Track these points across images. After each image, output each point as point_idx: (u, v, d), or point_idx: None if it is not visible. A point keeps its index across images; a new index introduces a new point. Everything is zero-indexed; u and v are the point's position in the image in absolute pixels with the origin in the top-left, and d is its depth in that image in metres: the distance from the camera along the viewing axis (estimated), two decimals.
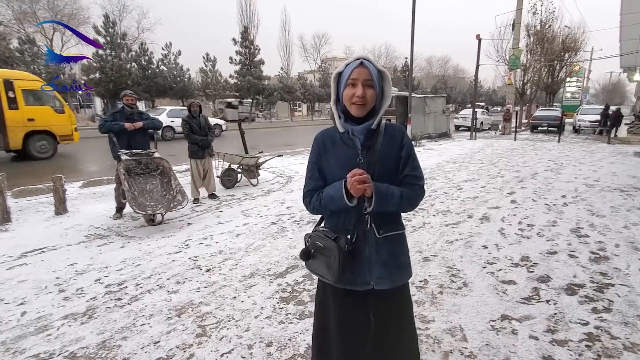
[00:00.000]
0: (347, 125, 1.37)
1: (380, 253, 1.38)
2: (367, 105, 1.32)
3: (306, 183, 1.49)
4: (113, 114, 4.87)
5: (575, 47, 26.00)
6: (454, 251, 3.80)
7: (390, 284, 1.39)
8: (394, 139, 1.40)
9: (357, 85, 1.30)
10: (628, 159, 10.08)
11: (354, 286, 1.39)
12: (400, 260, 1.43)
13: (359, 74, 1.29)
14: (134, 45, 28.03)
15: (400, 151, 1.40)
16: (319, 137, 1.46)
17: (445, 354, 2.21)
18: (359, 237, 1.37)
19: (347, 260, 1.33)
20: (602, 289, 2.97)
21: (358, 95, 1.29)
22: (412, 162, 1.42)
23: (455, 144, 14.73)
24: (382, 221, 1.39)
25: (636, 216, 4.84)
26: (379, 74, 1.35)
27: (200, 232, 4.46)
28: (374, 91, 1.31)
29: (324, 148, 1.43)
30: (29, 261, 3.64)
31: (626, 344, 2.28)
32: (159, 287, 3.09)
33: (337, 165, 1.39)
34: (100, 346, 2.32)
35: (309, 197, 1.46)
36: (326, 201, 1.37)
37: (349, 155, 1.37)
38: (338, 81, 1.36)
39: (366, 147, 1.37)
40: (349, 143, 1.38)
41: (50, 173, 5.62)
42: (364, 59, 1.32)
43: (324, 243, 1.37)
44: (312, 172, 1.47)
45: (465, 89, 56.82)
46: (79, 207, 5.57)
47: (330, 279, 1.37)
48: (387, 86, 1.38)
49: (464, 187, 6.76)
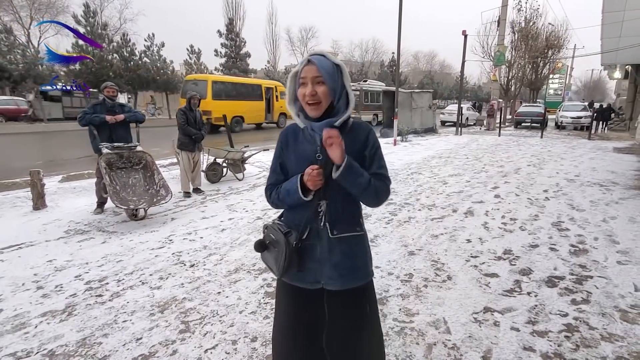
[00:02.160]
0: (307, 121, 1.34)
1: (333, 253, 1.35)
2: (321, 103, 1.28)
3: (269, 177, 1.49)
4: (93, 106, 4.74)
5: (558, 45, 26.53)
6: (438, 245, 3.84)
7: (341, 285, 1.36)
8: (357, 136, 1.37)
9: (307, 83, 1.27)
10: (607, 155, 10.36)
11: (303, 284, 1.38)
12: (355, 263, 1.39)
13: (307, 72, 1.26)
14: (115, 36, 27.29)
15: (364, 149, 1.36)
16: (283, 131, 1.45)
17: (429, 346, 2.23)
18: (311, 235, 1.35)
19: (293, 257, 1.31)
20: (581, 281, 3.05)
21: (308, 94, 1.26)
22: (378, 161, 1.38)
23: (441, 139, 14.87)
24: (338, 221, 1.36)
25: (614, 210, 4.98)
26: (336, 68, 1.30)
27: (184, 227, 4.39)
28: (326, 87, 1.26)
29: (287, 143, 1.41)
30: (5, 257, 3.53)
31: (604, 334, 2.34)
32: (141, 283, 3.03)
33: (296, 160, 1.37)
34: (80, 344, 2.27)
35: (269, 190, 1.45)
36: (283, 195, 1.37)
37: (308, 151, 1.34)
38: (295, 81, 1.34)
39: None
40: (309, 139, 1.36)
41: (28, 167, 5.44)
42: (316, 54, 1.29)
43: (276, 236, 1.35)
44: (275, 166, 1.46)
45: (451, 85, 57.37)
46: (58, 201, 5.42)
47: (275, 272, 1.38)
48: (346, 80, 1.33)
49: (449, 182, 6.84)
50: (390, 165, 8.60)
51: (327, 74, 1.26)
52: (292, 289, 1.41)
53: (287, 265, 1.31)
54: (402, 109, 15.19)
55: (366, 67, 47.50)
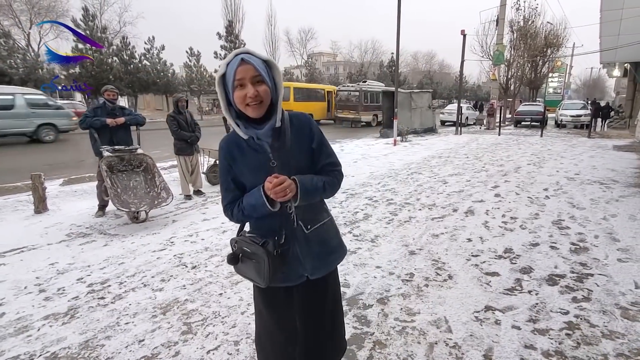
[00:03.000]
0: (250, 130, 1.27)
1: (312, 247, 1.38)
2: (263, 102, 1.23)
3: (223, 197, 1.40)
4: (94, 109, 4.75)
5: (557, 43, 26.52)
6: (439, 244, 3.85)
7: (326, 270, 1.42)
8: (301, 131, 1.35)
9: (245, 85, 1.19)
10: (607, 153, 10.35)
11: (287, 283, 1.39)
12: (332, 245, 1.46)
13: (245, 73, 1.18)
14: (115, 40, 27.35)
15: (312, 142, 1.37)
16: (223, 146, 1.36)
17: (430, 346, 2.24)
18: (287, 238, 1.35)
19: (277, 264, 1.30)
20: (582, 279, 3.05)
21: (250, 96, 1.19)
22: (325, 150, 1.40)
23: (441, 139, 14.88)
24: (308, 216, 1.38)
25: (614, 208, 4.99)
26: (266, 65, 1.24)
27: (185, 229, 4.41)
28: (266, 86, 1.22)
29: (232, 157, 1.34)
30: (7, 261, 3.54)
31: (604, 331, 2.35)
32: (143, 285, 3.04)
33: (250, 172, 1.32)
34: (82, 346, 2.28)
35: (229, 210, 1.38)
36: (249, 211, 1.31)
37: (260, 161, 1.30)
38: (224, 84, 1.24)
39: (276, 149, 1.30)
40: (257, 148, 1.31)
41: (29, 170, 5.46)
42: (244, 52, 1.21)
43: (251, 248, 1.31)
44: (227, 184, 1.38)
45: (450, 85, 57.34)
46: (60, 205, 5.44)
47: (261, 283, 1.33)
48: (278, 76, 1.27)
49: (449, 182, 6.84)
50: (390, 166, 8.62)
51: (264, 71, 1.21)
52: (269, 289, 1.39)
53: (272, 274, 1.30)
54: (402, 109, 15.20)
55: (365, 67, 47.45)
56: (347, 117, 21.72)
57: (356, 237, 4.09)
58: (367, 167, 8.37)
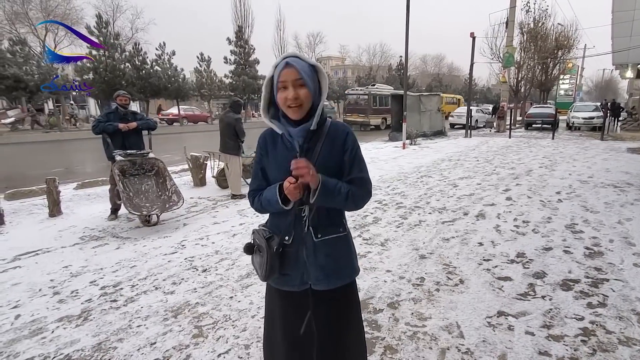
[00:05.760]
0: (286, 126, 1.32)
1: (318, 256, 1.36)
2: (303, 106, 1.26)
3: (251, 182, 1.49)
4: (107, 114, 4.84)
5: (568, 45, 26.21)
6: (450, 248, 3.81)
7: (327, 285, 1.38)
8: (336, 140, 1.36)
9: (287, 87, 1.24)
10: (621, 155, 10.16)
11: (290, 287, 1.39)
12: (340, 263, 1.42)
13: (287, 76, 1.23)
14: (127, 46, 27.80)
15: (343, 155, 1.36)
16: (262, 136, 1.43)
17: (442, 351, 2.22)
18: (296, 240, 1.36)
19: (274, 261, 1.32)
20: (597, 284, 2.99)
21: (290, 98, 1.24)
22: (358, 164, 1.38)
23: (450, 142, 14.78)
24: (321, 225, 1.37)
25: (629, 211, 4.89)
26: (313, 69, 1.29)
27: (196, 233, 4.44)
28: (307, 90, 1.25)
29: (266, 148, 1.41)
30: (22, 264, 3.61)
31: (621, 338, 2.30)
32: (154, 288, 3.07)
33: (276, 166, 1.37)
34: (95, 348, 2.30)
35: (252, 197, 1.45)
36: (265, 204, 1.37)
37: (287, 157, 1.31)
38: (272, 85, 1.30)
39: (304, 150, 1.33)
40: (287, 145, 1.35)
41: (44, 175, 5.56)
42: (291, 56, 1.27)
43: (260, 241, 1.36)
44: (256, 172, 1.45)
45: (460, 87, 56.98)
46: (74, 208, 5.53)
47: (260, 276, 1.38)
48: (323, 80, 1.32)
49: (459, 185, 6.79)
50: (400, 169, 8.58)
51: (307, 75, 1.25)
52: (281, 292, 1.42)
53: (268, 270, 1.32)
54: (411, 112, 15.14)
55: (374, 71, 47.37)
56: (356, 120, 21.71)
57: (366, 240, 4.08)
58: (376, 171, 8.34)
